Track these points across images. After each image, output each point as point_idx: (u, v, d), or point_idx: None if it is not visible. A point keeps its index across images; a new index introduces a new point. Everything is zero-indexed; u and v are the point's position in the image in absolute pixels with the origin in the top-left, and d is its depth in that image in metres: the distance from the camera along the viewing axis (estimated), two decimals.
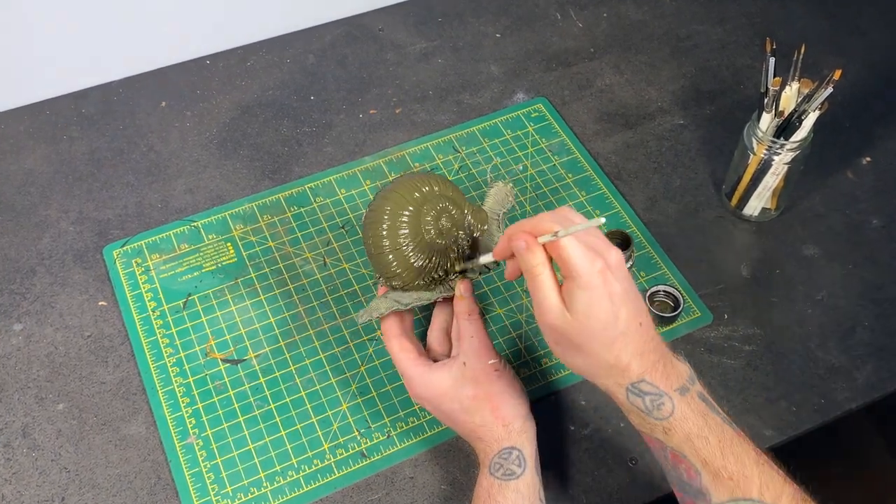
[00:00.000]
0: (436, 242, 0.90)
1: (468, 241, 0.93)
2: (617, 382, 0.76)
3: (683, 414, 0.75)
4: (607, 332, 0.74)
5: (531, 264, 0.76)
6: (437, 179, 0.93)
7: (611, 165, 1.19)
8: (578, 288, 0.74)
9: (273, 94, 1.28)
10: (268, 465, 0.93)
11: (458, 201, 0.92)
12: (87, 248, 1.11)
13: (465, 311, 0.89)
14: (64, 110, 1.26)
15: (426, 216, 0.90)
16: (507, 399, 0.85)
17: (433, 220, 0.90)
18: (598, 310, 0.74)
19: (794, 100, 1.03)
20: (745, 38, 1.36)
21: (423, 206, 0.90)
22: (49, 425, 0.96)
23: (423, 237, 0.90)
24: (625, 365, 0.75)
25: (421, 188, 0.91)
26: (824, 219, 1.14)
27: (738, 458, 0.73)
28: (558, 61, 1.33)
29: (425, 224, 0.90)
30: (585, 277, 0.73)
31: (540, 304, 0.76)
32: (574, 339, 0.75)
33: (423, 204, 0.91)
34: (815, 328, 1.04)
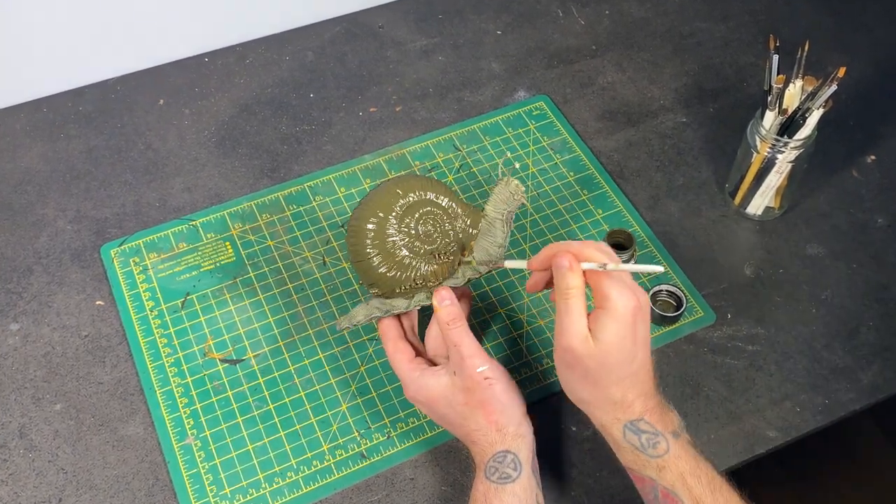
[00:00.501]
0: (413, 249, 0.88)
1: (454, 247, 0.90)
2: (616, 418, 0.80)
3: (677, 453, 0.78)
4: (622, 369, 0.78)
5: (569, 285, 0.78)
6: (424, 183, 0.90)
7: (613, 164, 1.19)
8: (610, 319, 0.77)
9: (272, 91, 1.28)
10: (267, 467, 0.93)
11: (447, 205, 0.90)
12: (85, 247, 1.10)
13: (445, 319, 0.86)
14: (61, 108, 1.25)
15: (395, 225, 0.88)
16: (500, 405, 0.84)
17: (406, 227, 0.88)
18: (622, 345, 0.77)
19: (797, 97, 1.03)
20: (749, 36, 1.36)
21: (391, 215, 0.88)
22: (46, 426, 0.96)
23: (390, 249, 0.88)
24: (629, 403, 0.79)
25: (395, 194, 0.89)
26: (829, 218, 1.14)
27: (727, 501, 0.77)
28: (560, 59, 1.33)
29: (391, 234, 0.88)
30: (621, 311, 0.76)
31: (566, 326, 0.78)
32: (589, 368, 0.78)
33: (390, 211, 0.88)
34: (820, 328, 1.04)
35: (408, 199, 0.89)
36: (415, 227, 0.89)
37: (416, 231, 0.89)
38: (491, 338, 1.02)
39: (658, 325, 1.03)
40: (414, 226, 0.89)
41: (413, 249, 0.88)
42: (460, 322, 0.85)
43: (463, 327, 0.85)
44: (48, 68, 1.25)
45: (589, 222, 1.13)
